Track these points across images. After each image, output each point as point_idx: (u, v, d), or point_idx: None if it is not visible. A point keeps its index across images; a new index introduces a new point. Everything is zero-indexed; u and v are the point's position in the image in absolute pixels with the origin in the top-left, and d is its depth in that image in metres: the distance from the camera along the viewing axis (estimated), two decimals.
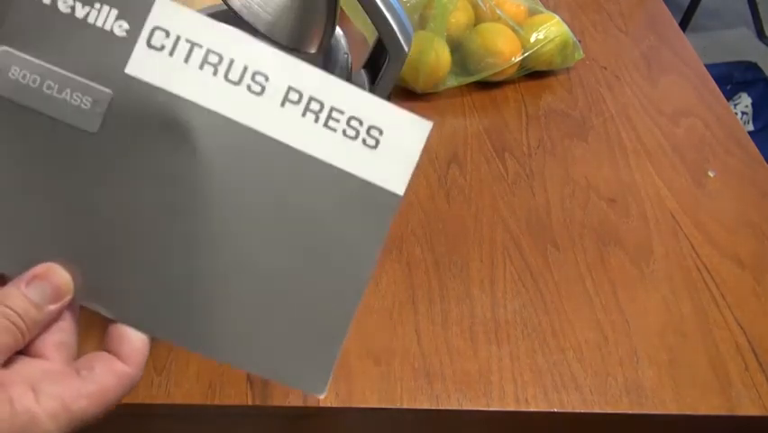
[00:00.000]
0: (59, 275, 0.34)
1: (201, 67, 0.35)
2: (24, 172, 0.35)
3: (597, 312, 0.62)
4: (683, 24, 2.06)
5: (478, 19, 0.86)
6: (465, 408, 0.56)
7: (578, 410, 0.56)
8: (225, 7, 0.48)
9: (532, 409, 0.56)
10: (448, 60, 0.82)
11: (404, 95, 0.82)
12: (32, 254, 0.35)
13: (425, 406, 0.56)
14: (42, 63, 0.35)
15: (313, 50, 0.51)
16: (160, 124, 0.35)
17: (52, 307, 0.34)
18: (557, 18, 0.85)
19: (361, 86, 0.56)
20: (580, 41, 0.86)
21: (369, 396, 0.56)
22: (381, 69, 0.53)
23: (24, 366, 0.33)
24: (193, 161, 0.35)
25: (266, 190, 0.36)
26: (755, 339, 0.60)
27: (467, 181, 0.73)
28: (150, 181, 0.36)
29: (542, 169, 0.75)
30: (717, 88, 0.86)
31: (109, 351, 0.34)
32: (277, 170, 0.36)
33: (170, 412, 0.57)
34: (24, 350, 0.34)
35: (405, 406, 0.56)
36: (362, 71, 0.57)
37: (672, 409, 0.56)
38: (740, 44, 2.09)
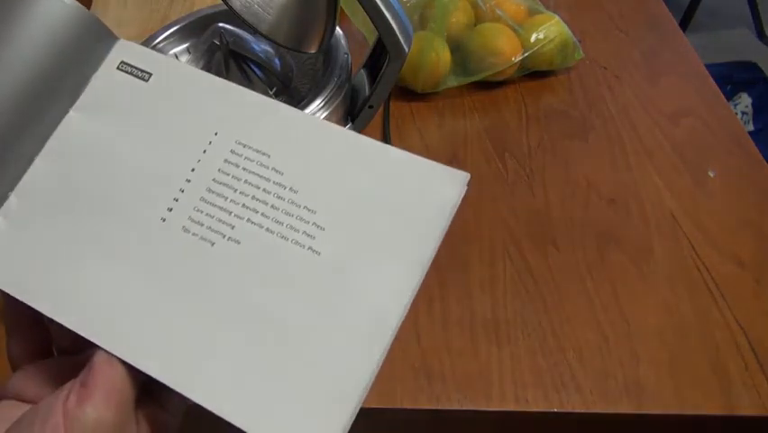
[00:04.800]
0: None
1: None
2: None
3: (597, 312, 0.62)
4: (683, 24, 2.06)
5: (478, 19, 0.86)
6: (465, 408, 0.56)
7: (578, 410, 0.56)
8: (226, 7, 0.48)
9: (532, 410, 0.56)
10: (448, 60, 0.82)
11: (404, 95, 0.82)
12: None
13: (425, 406, 0.56)
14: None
15: (313, 50, 0.51)
16: None
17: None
18: (557, 18, 0.85)
19: (361, 86, 0.56)
20: (580, 41, 0.86)
21: (369, 396, 0.56)
22: (381, 69, 0.53)
23: None
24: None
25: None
26: (755, 339, 0.60)
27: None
28: None
29: (542, 169, 0.75)
30: (717, 88, 0.86)
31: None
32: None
33: None
34: None
35: (405, 406, 0.56)
36: (362, 71, 0.56)
37: (672, 409, 0.56)
38: (740, 44, 2.08)
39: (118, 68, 0.37)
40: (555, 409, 0.56)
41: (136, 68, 0.38)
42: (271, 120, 0.36)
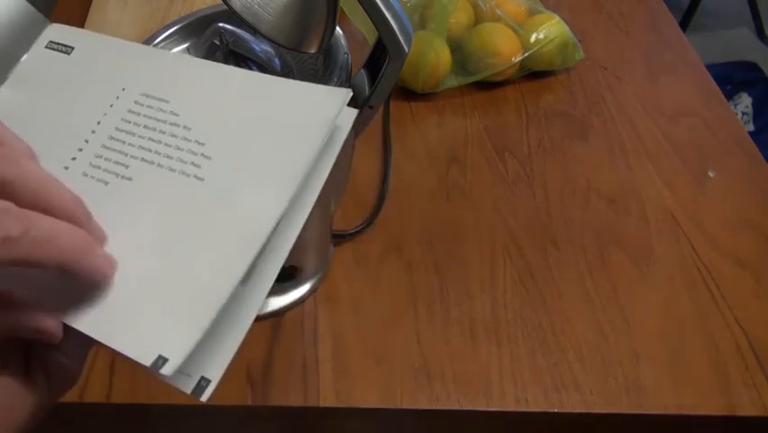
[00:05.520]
0: None
1: None
2: None
3: (597, 312, 0.62)
4: (683, 24, 2.06)
5: (478, 19, 0.86)
6: (465, 408, 0.56)
7: (578, 410, 0.56)
8: (226, 7, 0.48)
9: (532, 410, 0.56)
10: (448, 61, 0.82)
11: (404, 95, 0.82)
12: None
13: (425, 406, 0.56)
14: None
15: (313, 50, 0.51)
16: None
17: None
18: (557, 18, 0.85)
19: (361, 86, 0.56)
20: (580, 41, 0.86)
21: (369, 396, 0.56)
22: (381, 69, 0.53)
23: None
24: None
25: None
26: (755, 339, 0.60)
27: (467, 181, 0.73)
28: None
29: (542, 169, 0.75)
30: (717, 88, 0.86)
31: None
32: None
33: (170, 412, 0.57)
34: None
35: (405, 406, 0.56)
36: (362, 71, 0.56)
37: (671, 409, 0.56)
38: (740, 44, 2.08)
39: (46, 47, 0.41)
40: (555, 410, 0.56)
41: (60, 44, 0.41)
42: (173, 71, 0.40)
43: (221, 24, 0.54)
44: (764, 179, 0.75)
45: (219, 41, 0.53)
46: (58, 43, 0.41)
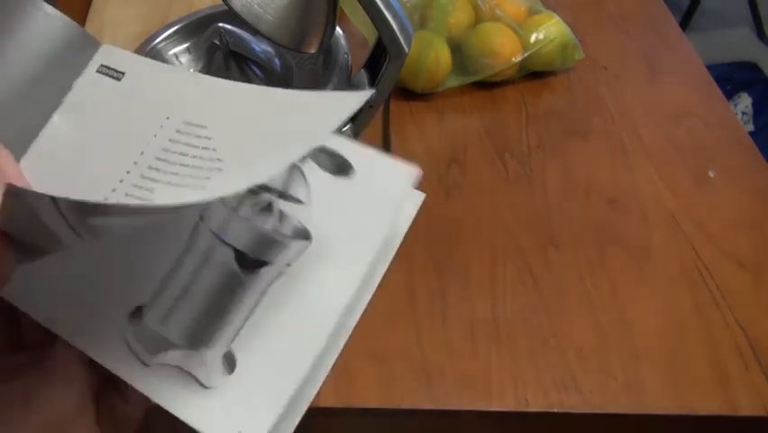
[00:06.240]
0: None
1: None
2: None
3: (597, 312, 0.62)
4: (683, 24, 2.06)
5: (478, 19, 0.86)
6: (465, 408, 0.56)
7: (578, 410, 0.56)
8: (226, 7, 0.49)
9: (532, 410, 0.56)
10: (448, 61, 0.82)
11: (404, 95, 0.82)
12: None
13: (425, 406, 0.56)
14: None
15: (313, 50, 0.51)
16: None
17: None
18: (557, 18, 0.85)
19: (361, 86, 0.56)
20: (580, 41, 0.86)
21: (369, 396, 0.56)
22: (381, 69, 0.53)
23: None
24: None
25: None
26: (755, 339, 0.60)
27: (467, 181, 0.73)
28: None
29: (542, 169, 0.75)
30: (718, 88, 0.86)
31: None
32: None
33: (170, 412, 0.57)
34: None
35: (405, 406, 0.56)
36: (362, 71, 0.57)
37: (672, 409, 0.56)
38: (740, 44, 2.08)
39: (97, 71, 0.41)
40: (555, 410, 0.56)
41: (112, 69, 0.41)
42: (220, 97, 0.40)
43: (221, 24, 0.54)
44: (764, 179, 0.74)
45: (219, 41, 0.53)
46: (109, 68, 0.42)
